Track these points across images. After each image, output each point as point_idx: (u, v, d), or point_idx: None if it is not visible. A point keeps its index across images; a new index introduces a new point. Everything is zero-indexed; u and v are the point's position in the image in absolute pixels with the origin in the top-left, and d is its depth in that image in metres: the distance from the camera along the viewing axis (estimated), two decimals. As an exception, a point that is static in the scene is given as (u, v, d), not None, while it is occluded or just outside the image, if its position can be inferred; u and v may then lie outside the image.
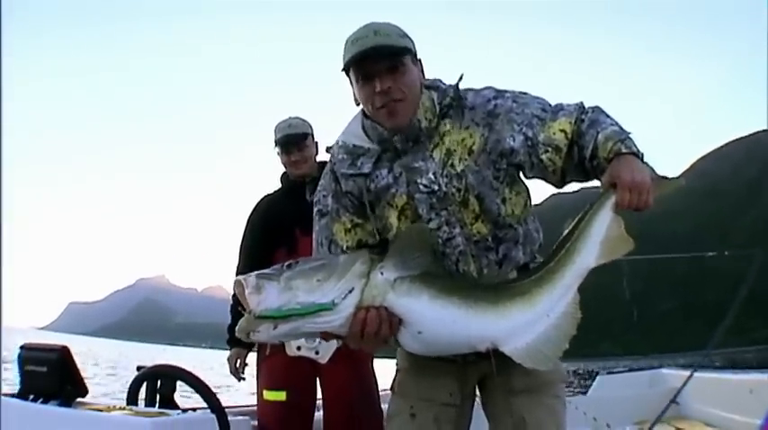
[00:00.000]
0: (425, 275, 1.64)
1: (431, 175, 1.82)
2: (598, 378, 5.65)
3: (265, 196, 3.41)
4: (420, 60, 1.90)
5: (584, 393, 5.45)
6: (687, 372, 5.52)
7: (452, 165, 1.83)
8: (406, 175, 1.84)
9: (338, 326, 1.57)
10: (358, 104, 1.92)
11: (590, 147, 1.78)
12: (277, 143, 3.23)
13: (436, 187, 1.81)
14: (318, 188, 2.01)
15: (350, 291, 1.57)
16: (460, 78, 1.91)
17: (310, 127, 3.30)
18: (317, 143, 3.32)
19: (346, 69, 1.85)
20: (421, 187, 1.82)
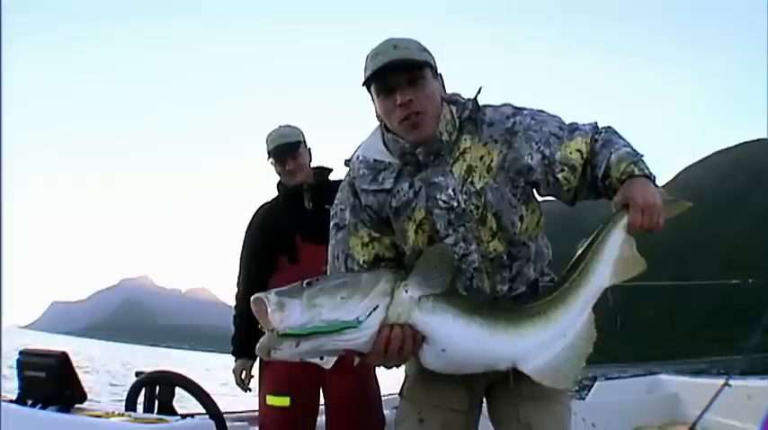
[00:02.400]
0: (447, 294, 1.66)
1: (450, 192, 1.84)
2: (596, 384, 5.68)
3: (263, 205, 3.38)
4: (440, 75, 1.92)
5: (581, 399, 5.48)
6: (684, 378, 5.56)
7: (472, 183, 1.85)
8: (425, 190, 1.85)
9: (362, 343, 1.57)
10: (379, 119, 1.93)
11: (602, 167, 1.83)
12: (270, 154, 3.20)
13: (455, 203, 1.83)
14: (336, 201, 2.01)
15: (374, 309, 1.57)
16: (479, 91, 1.93)
17: (302, 134, 3.26)
18: (309, 149, 3.29)
19: (367, 84, 1.86)
20: (440, 203, 1.84)
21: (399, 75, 1.79)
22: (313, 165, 3.30)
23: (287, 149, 3.16)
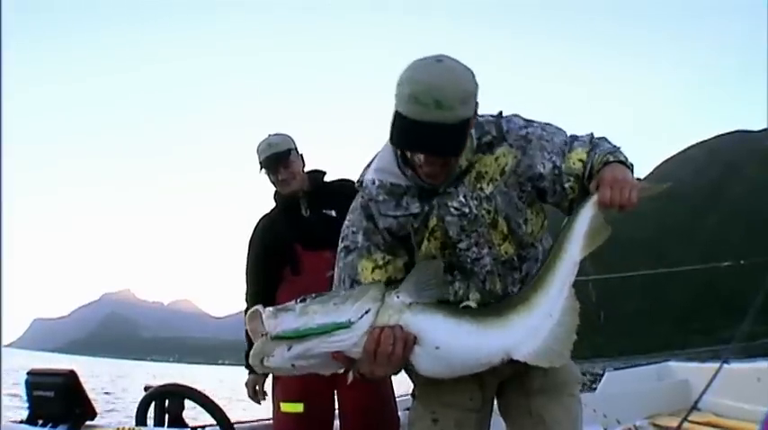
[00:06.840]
0: (438, 302, 1.73)
1: (461, 198, 1.86)
2: (606, 374, 5.69)
3: (263, 217, 3.35)
4: (477, 103, 1.72)
5: (592, 390, 5.49)
6: (694, 364, 5.56)
7: (481, 188, 1.87)
8: (437, 200, 1.87)
9: (352, 344, 1.62)
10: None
11: (588, 167, 1.89)
12: (262, 165, 3.15)
13: (467, 210, 1.86)
14: (347, 223, 1.98)
15: (366, 312, 1.64)
16: (500, 115, 1.95)
17: (292, 141, 3.21)
18: (302, 155, 3.24)
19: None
20: (452, 210, 1.86)
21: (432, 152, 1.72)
22: (308, 169, 3.26)
23: (278, 158, 3.12)
